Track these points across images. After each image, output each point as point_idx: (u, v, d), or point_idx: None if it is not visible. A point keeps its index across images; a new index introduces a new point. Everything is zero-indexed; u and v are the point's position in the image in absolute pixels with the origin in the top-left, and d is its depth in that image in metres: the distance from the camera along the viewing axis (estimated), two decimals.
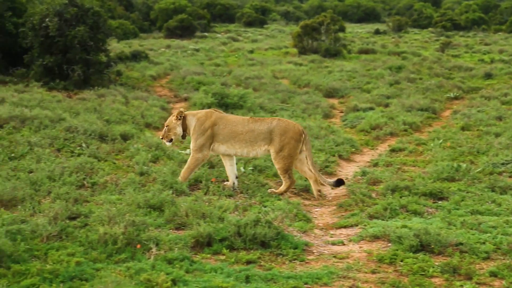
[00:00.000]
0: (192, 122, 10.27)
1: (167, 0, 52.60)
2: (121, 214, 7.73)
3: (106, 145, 12.26)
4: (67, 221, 7.88)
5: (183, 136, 10.43)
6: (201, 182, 10.13)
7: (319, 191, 10.24)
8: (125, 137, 12.99)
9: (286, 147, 9.96)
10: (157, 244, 7.25)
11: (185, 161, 11.28)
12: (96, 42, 20.92)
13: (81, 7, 20.80)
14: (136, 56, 27.90)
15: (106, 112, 15.46)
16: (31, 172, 10.13)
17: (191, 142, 10.28)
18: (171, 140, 10.39)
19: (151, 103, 17.51)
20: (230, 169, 10.32)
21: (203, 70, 25.00)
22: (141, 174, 10.48)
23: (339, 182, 10.24)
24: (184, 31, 44.62)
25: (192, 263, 6.92)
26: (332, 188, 10.49)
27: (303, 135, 10.09)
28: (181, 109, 10.55)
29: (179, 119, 10.29)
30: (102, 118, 14.66)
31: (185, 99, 19.28)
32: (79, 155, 11.47)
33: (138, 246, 7.15)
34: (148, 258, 6.95)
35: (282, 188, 10.05)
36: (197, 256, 7.23)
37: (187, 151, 12.20)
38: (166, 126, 10.40)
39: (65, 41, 20.12)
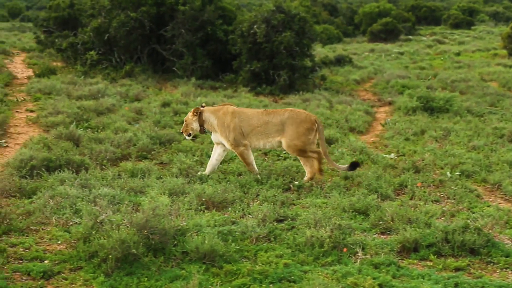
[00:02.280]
0: (210, 119, 10.64)
1: (371, 4, 52.42)
2: (327, 218, 7.80)
3: None
4: (275, 223, 8.06)
5: (201, 131, 10.78)
6: (406, 187, 10.00)
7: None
8: (329, 141, 13.08)
9: (298, 136, 10.16)
10: (363, 248, 7.25)
11: (390, 165, 11.21)
12: (302, 47, 21.28)
13: (288, 13, 21.24)
14: (340, 61, 28.02)
15: None
16: (240, 175, 10.48)
17: (225, 142, 10.53)
18: (189, 134, 10.88)
19: (355, 107, 17.50)
20: (215, 160, 10.66)
21: (408, 73, 24.64)
22: (346, 178, 10.52)
23: (354, 166, 10.24)
24: (388, 34, 44.19)
25: (399, 268, 6.84)
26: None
27: (316, 124, 10.26)
28: (199, 106, 10.92)
29: (195, 115, 10.70)
30: None
31: (389, 103, 19.10)
32: (285, 158, 11.71)
33: (345, 249, 7.18)
34: (355, 262, 6.96)
35: (306, 178, 10.28)
36: (404, 261, 7.14)
37: (392, 155, 12.10)
38: (185, 121, 10.84)
39: (271, 47, 20.65)
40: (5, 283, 6.13)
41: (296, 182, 10.10)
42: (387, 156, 12.05)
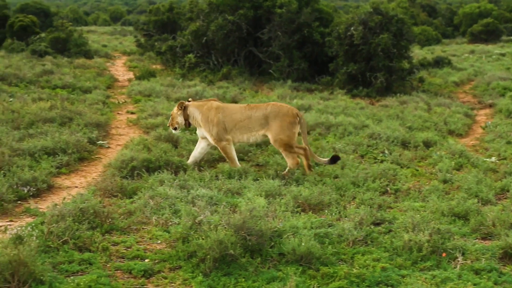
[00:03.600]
0: (195, 114, 10.97)
1: (472, 5, 51.29)
2: (426, 222, 7.67)
3: (409, 152, 12.26)
4: (372, 227, 7.98)
5: (186, 125, 11.17)
6: (508, 191, 9.73)
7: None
8: (427, 144, 12.90)
9: (282, 130, 10.39)
10: (463, 254, 7.10)
11: (490, 169, 10.97)
12: (399, 49, 21.05)
13: (386, 15, 21.06)
14: (439, 62, 27.56)
15: (408, 118, 15.47)
16: (336, 177, 10.43)
17: (208, 137, 10.84)
18: (175, 128, 11.27)
19: (454, 109, 17.20)
20: (198, 153, 11.03)
21: (510, 75, 23.97)
22: (445, 181, 10.33)
23: (334, 159, 10.44)
24: (489, 35, 43.18)
25: (501, 275, 6.65)
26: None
27: (298, 118, 10.52)
28: (183, 101, 11.32)
29: (180, 109, 11.09)
30: (404, 124, 14.70)
31: (490, 106, 18.67)
32: (381, 161, 11.59)
33: (444, 254, 7.05)
34: (454, 267, 6.82)
35: (287, 170, 10.47)
36: (506, 267, 6.94)
37: (492, 159, 11.82)
38: (171, 115, 11.30)
39: (368, 49, 20.52)
40: (108, 281, 6.30)
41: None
42: (487, 159, 11.78)
